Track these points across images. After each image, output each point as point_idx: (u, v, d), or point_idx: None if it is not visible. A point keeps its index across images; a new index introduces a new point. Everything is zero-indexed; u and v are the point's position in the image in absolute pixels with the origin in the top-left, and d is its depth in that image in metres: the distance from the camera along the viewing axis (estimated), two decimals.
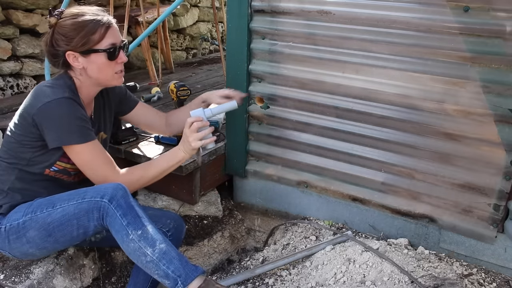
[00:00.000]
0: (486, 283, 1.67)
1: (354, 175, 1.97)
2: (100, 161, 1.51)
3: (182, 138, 1.61)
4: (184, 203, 2.17)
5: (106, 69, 1.52)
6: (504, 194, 1.68)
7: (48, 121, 1.42)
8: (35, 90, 1.49)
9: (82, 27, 1.45)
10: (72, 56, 1.48)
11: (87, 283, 1.74)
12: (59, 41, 1.47)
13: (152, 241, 1.40)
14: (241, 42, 2.00)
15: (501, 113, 1.60)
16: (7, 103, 2.83)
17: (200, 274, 1.42)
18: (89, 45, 1.46)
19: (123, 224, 1.39)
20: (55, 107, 1.41)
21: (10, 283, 1.51)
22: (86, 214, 1.41)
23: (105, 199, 1.40)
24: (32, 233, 1.45)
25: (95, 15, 1.48)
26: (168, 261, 1.40)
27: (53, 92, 1.44)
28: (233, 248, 2.28)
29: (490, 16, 1.52)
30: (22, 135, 1.47)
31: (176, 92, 2.06)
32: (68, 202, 1.44)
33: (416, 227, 1.91)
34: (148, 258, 1.39)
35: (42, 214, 1.45)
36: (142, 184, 1.62)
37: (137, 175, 1.58)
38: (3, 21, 3.06)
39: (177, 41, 4.83)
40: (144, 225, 1.41)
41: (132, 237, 1.39)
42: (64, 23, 1.46)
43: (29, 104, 1.46)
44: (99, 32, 1.47)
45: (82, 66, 1.49)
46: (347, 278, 1.65)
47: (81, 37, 1.45)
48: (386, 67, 1.76)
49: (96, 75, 1.52)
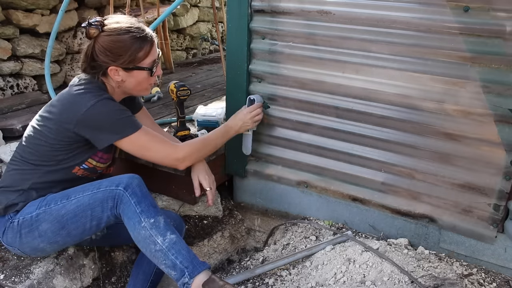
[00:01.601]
0: (486, 283, 1.67)
1: (354, 175, 1.97)
2: (157, 139, 1.58)
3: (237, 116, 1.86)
4: (184, 203, 2.17)
5: (144, 82, 1.58)
6: (504, 194, 1.68)
7: (98, 122, 1.46)
8: (70, 98, 1.50)
9: (130, 46, 1.48)
10: (114, 71, 1.50)
11: (87, 283, 1.74)
12: (102, 55, 1.48)
13: (164, 230, 1.43)
14: (241, 42, 2.00)
15: (501, 113, 1.60)
16: (7, 103, 2.83)
17: (207, 269, 1.44)
18: (134, 63, 1.51)
19: (136, 212, 1.42)
20: (102, 107, 1.46)
21: (10, 283, 1.51)
22: (100, 204, 1.44)
23: (120, 187, 1.43)
24: (45, 226, 1.47)
25: (139, 32, 1.51)
26: (177, 251, 1.42)
27: (92, 95, 1.47)
28: (233, 248, 2.28)
29: (490, 16, 1.52)
30: (56, 139, 1.49)
31: (176, 92, 2.05)
32: (83, 193, 1.47)
33: (416, 227, 1.91)
34: (157, 247, 1.41)
35: (57, 206, 1.47)
36: (200, 156, 1.73)
37: (195, 148, 1.69)
38: (3, 21, 3.06)
39: (177, 41, 4.83)
40: (157, 215, 1.45)
41: (144, 225, 1.42)
42: (109, 38, 1.47)
43: (68, 111, 1.47)
44: (145, 50, 1.51)
45: (122, 79, 1.53)
46: (347, 278, 1.65)
47: (129, 55, 1.48)
48: (386, 67, 1.76)
49: (133, 87, 1.57)
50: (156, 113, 2.67)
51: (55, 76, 3.46)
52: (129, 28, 1.49)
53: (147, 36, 1.52)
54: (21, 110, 2.80)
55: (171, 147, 1.62)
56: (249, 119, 1.86)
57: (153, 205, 1.47)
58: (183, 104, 2.08)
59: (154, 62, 1.56)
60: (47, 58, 2.48)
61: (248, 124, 1.87)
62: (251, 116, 1.87)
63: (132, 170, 2.21)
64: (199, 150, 1.70)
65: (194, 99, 3.00)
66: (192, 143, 1.71)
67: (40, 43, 3.30)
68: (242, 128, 1.86)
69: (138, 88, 1.60)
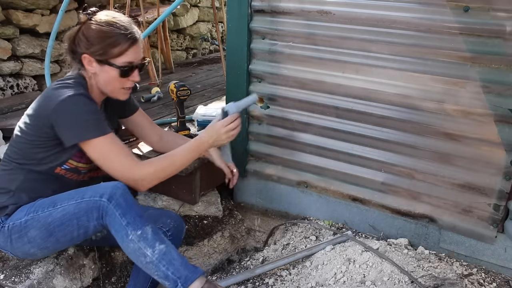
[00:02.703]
0: (486, 283, 1.67)
1: (354, 175, 1.97)
2: (118, 153, 1.48)
3: (210, 129, 1.63)
4: (184, 203, 2.17)
5: (114, 82, 1.52)
6: (504, 194, 1.68)
7: (64, 118, 1.42)
8: (47, 92, 1.48)
9: (106, 38, 1.45)
10: (88, 60, 1.48)
11: (87, 283, 1.74)
12: (81, 41, 1.47)
13: (152, 241, 1.39)
14: (241, 42, 2.00)
15: (501, 113, 1.60)
16: (7, 103, 2.83)
17: (201, 276, 1.42)
18: (106, 56, 1.47)
19: (122, 224, 1.38)
20: (70, 104, 1.42)
21: (10, 283, 1.51)
22: (85, 214, 1.41)
23: (104, 198, 1.39)
24: (34, 233, 1.45)
25: (123, 29, 1.47)
26: (168, 262, 1.39)
27: (66, 90, 1.43)
28: (233, 248, 2.28)
29: (490, 16, 1.52)
30: (35, 136, 1.47)
31: (176, 92, 2.05)
32: (68, 202, 1.43)
33: (416, 227, 1.91)
34: (147, 259, 1.39)
35: (44, 214, 1.44)
36: (164, 176, 1.57)
37: (159, 166, 1.53)
38: (3, 21, 3.06)
39: (177, 41, 4.83)
40: (143, 225, 1.40)
41: (131, 238, 1.38)
42: (91, 26, 1.46)
43: (42, 105, 1.46)
44: (120, 47, 1.47)
45: (95, 71, 1.50)
46: (347, 278, 1.65)
47: (102, 47, 1.45)
48: (386, 67, 1.76)
49: (103, 84, 1.53)
50: (156, 113, 2.67)
51: (55, 76, 3.46)
52: (114, 23, 1.47)
53: (128, 35, 1.47)
54: (21, 110, 2.80)
55: (130, 164, 1.48)
56: (224, 134, 1.62)
57: (139, 215, 1.41)
58: (183, 104, 2.08)
59: (128, 64, 1.49)
60: (47, 58, 2.48)
61: (222, 139, 1.62)
62: (225, 130, 1.62)
63: None
64: (164, 169, 1.54)
65: (194, 99, 3.00)
66: (155, 161, 1.54)
67: (40, 43, 3.30)
68: (216, 143, 1.64)
69: (108, 88, 1.53)
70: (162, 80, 3.45)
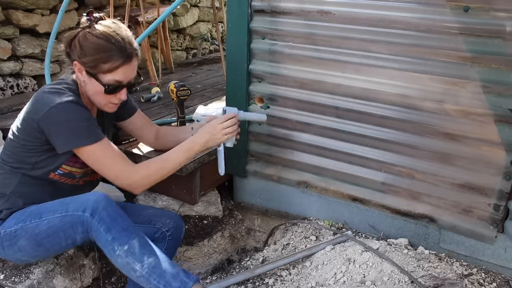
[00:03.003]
0: (486, 283, 1.67)
1: (354, 175, 1.97)
2: (113, 157, 1.48)
3: (204, 129, 1.60)
4: (184, 203, 2.17)
5: (100, 97, 1.49)
6: (504, 194, 1.68)
7: (55, 126, 1.40)
8: (38, 95, 1.46)
9: (99, 51, 1.41)
10: (78, 68, 1.46)
11: (87, 283, 1.74)
12: (75, 48, 1.45)
13: (140, 255, 1.36)
14: (241, 42, 2.00)
15: (501, 113, 1.60)
16: (7, 103, 2.83)
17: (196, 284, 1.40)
18: (96, 70, 1.44)
19: (108, 240, 1.36)
20: (61, 111, 1.39)
21: (10, 283, 1.51)
22: (71, 227, 1.39)
23: (86, 213, 1.36)
24: (23, 242, 1.44)
25: (119, 45, 1.43)
26: (158, 275, 1.37)
27: (57, 96, 1.41)
28: (233, 248, 2.28)
29: (490, 16, 1.52)
30: (26, 140, 1.45)
31: (176, 92, 2.05)
32: (53, 214, 1.41)
33: (416, 227, 1.91)
34: (137, 274, 1.37)
35: (31, 224, 1.43)
36: (158, 178, 1.56)
37: (153, 169, 1.53)
38: (3, 21, 3.06)
39: (177, 41, 4.83)
40: (130, 239, 1.37)
41: (118, 253, 1.36)
42: (89, 35, 1.43)
43: (33, 110, 1.44)
44: (111, 63, 1.43)
45: (84, 80, 1.48)
46: (347, 278, 1.65)
47: (93, 59, 1.42)
48: (386, 67, 1.76)
49: (90, 95, 1.51)
50: (156, 113, 2.67)
51: (55, 76, 3.45)
52: (112, 37, 1.42)
53: (123, 52, 1.43)
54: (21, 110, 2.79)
55: (125, 169, 1.49)
56: (219, 131, 1.59)
57: (124, 228, 1.38)
58: (183, 104, 2.08)
59: (116, 83, 1.46)
60: (47, 58, 2.48)
61: (217, 137, 1.59)
62: (221, 128, 1.59)
63: None
64: (157, 172, 1.53)
65: (194, 99, 3.00)
66: (149, 165, 1.53)
67: (40, 43, 3.30)
68: (210, 142, 1.59)
69: (95, 100, 1.51)
70: (162, 80, 3.45)
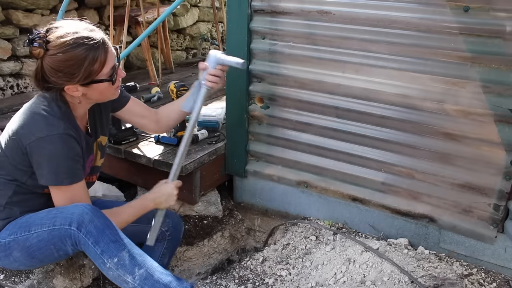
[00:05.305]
0: (486, 283, 1.67)
1: (354, 175, 1.97)
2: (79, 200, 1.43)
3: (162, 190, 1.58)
4: (184, 203, 2.17)
5: (107, 91, 1.45)
6: (504, 194, 1.68)
7: (40, 158, 1.36)
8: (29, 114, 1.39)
9: (82, 61, 1.32)
10: (72, 89, 1.37)
11: (87, 283, 1.74)
12: (54, 77, 1.33)
13: (131, 267, 1.35)
14: (241, 42, 2.00)
15: (501, 113, 1.60)
16: (7, 103, 2.83)
17: None
18: (91, 77, 1.36)
19: (97, 253, 1.34)
20: (48, 145, 1.35)
21: (10, 283, 1.51)
22: (60, 241, 1.37)
23: (73, 227, 1.33)
24: (17, 254, 1.44)
25: (88, 41, 1.32)
26: (150, 286, 1.35)
27: (47, 125, 1.35)
28: (233, 248, 2.28)
29: (490, 16, 1.52)
30: (15, 160, 1.41)
31: (176, 92, 2.06)
32: (42, 228, 1.39)
33: (416, 227, 1.91)
34: (129, 285, 1.35)
35: (21, 237, 1.41)
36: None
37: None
38: (3, 21, 3.06)
39: (177, 41, 4.83)
40: (119, 251, 1.35)
41: (109, 266, 1.34)
42: (56, 57, 1.31)
43: (21, 131, 1.38)
44: (100, 60, 1.35)
45: (82, 93, 1.41)
46: (347, 278, 1.65)
47: (83, 72, 1.33)
48: (386, 67, 1.76)
49: (97, 98, 1.47)
50: None
51: None
52: (77, 41, 1.31)
53: (98, 43, 1.34)
54: None
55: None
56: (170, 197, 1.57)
57: (113, 240, 1.35)
58: None
59: (113, 69, 1.40)
60: None
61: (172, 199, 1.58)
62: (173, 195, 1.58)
63: (131, 170, 2.22)
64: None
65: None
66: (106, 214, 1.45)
67: None
68: (164, 204, 1.57)
69: (103, 98, 1.48)
70: (162, 80, 3.44)
